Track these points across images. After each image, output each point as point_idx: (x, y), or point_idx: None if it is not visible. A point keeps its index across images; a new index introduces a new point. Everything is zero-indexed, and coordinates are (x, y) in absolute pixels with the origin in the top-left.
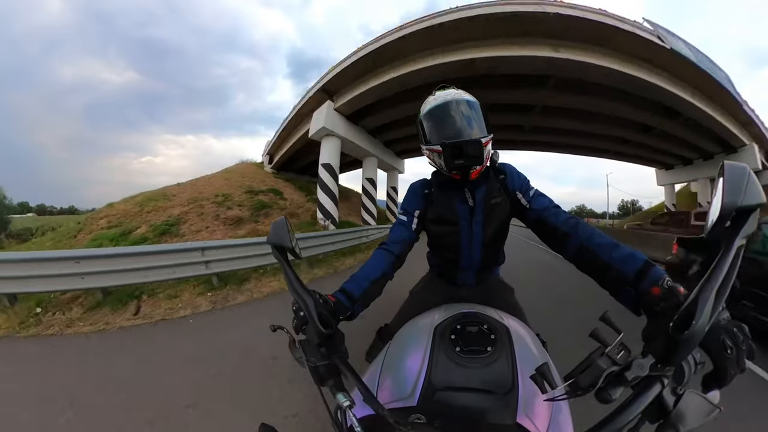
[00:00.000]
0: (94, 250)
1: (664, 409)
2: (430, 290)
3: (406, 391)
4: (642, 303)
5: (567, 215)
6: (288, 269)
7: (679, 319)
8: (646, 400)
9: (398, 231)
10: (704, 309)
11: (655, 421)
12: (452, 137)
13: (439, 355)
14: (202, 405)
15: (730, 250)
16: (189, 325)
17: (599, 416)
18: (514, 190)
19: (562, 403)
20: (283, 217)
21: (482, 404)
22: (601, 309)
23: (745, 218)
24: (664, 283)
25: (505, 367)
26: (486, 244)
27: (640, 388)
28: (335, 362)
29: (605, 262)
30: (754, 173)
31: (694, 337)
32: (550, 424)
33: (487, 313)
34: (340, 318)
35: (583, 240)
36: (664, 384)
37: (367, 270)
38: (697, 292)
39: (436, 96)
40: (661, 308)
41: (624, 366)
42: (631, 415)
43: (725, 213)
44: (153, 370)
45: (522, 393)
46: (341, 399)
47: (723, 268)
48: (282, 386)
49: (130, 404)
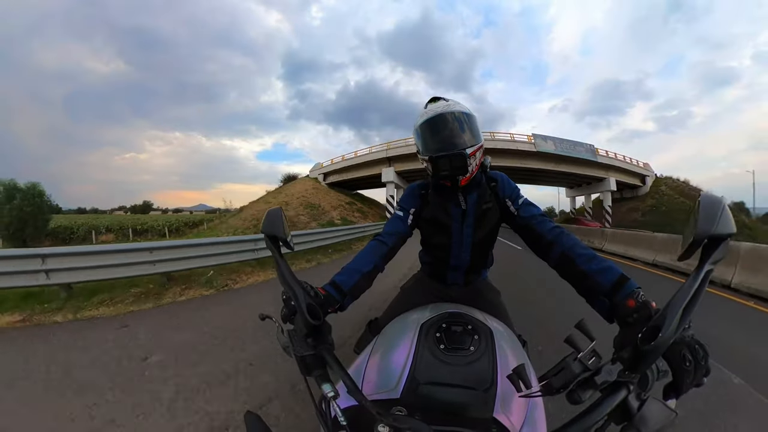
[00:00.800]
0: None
1: (629, 412)
2: (420, 288)
3: (391, 384)
4: (616, 313)
5: (552, 225)
6: (279, 259)
7: (647, 331)
8: (613, 403)
9: (393, 224)
10: (671, 324)
11: (619, 423)
12: (438, 150)
13: (423, 351)
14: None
15: (700, 273)
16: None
17: (570, 415)
18: (504, 198)
19: (538, 401)
20: (278, 207)
21: (462, 399)
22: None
23: (716, 245)
24: (638, 297)
25: (486, 365)
26: (475, 246)
27: (607, 392)
28: (322, 353)
29: (584, 271)
30: (611, 193)
31: (658, 348)
32: (525, 421)
33: (472, 314)
34: (328, 310)
35: (565, 249)
36: (630, 389)
37: (359, 262)
38: (665, 309)
39: (427, 109)
40: (633, 319)
41: (594, 371)
42: (599, 417)
43: (698, 239)
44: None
45: (500, 390)
46: (326, 389)
47: (691, 289)
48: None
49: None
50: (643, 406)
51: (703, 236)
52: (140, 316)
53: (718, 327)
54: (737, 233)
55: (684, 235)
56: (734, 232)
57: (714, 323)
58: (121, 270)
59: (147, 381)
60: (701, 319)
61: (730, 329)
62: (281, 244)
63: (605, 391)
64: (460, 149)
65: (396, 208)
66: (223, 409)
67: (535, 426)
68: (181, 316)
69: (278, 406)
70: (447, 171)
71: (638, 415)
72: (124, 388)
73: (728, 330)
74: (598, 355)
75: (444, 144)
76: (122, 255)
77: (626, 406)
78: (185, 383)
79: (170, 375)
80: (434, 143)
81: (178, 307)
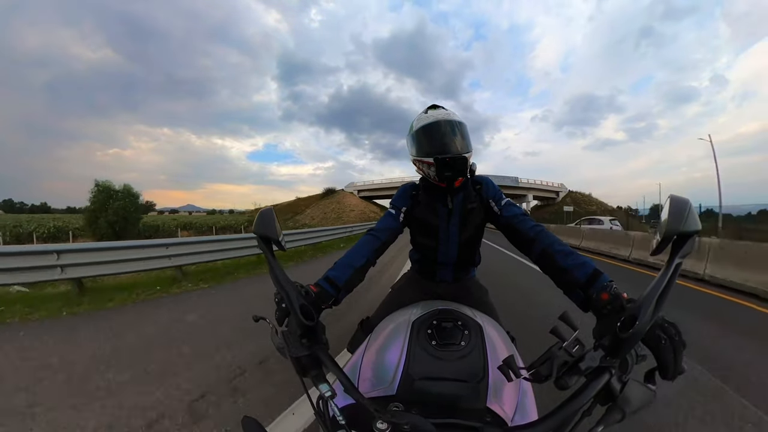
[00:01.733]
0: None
1: (612, 394)
2: (411, 286)
3: (386, 381)
4: (592, 305)
5: (533, 223)
6: (272, 260)
7: (625, 319)
8: (597, 387)
9: (386, 220)
10: (646, 312)
11: (604, 404)
12: (443, 152)
13: (416, 347)
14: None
15: (671, 266)
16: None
17: (559, 401)
18: (488, 199)
19: (527, 390)
20: (270, 207)
21: (456, 392)
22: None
23: (684, 241)
24: (611, 290)
25: (477, 358)
26: (461, 244)
27: (592, 377)
28: (317, 353)
29: (562, 266)
30: (532, 203)
31: (637, 334)
32: (516, 408)
33: (461, 310)
34: (322, 307)
35: (545, 246)
36: (612, 373)
37: (352, 257)
38: (641, 299)
39: (428, 114)
40: (607, 310)
41: (578, 358)
42: (585, 400)
43: (668, 236)
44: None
45: (492, 381)
46: (323, 389)
47: (663, 281)
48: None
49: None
50: (624, 388)
51: (672, 233)
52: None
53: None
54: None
55: (656, 234)
56: (700, 229)
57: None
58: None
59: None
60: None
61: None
62: (273, 244)
63: (589, 376)
64: (463, 153)
65: (389, 206)
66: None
67: (526, 412)
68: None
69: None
70: (450, 172)
71: (621, 396)
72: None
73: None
74: (582, 343)
75: (449, 147)
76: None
77: (609, 388)
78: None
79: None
80: (439, 146)
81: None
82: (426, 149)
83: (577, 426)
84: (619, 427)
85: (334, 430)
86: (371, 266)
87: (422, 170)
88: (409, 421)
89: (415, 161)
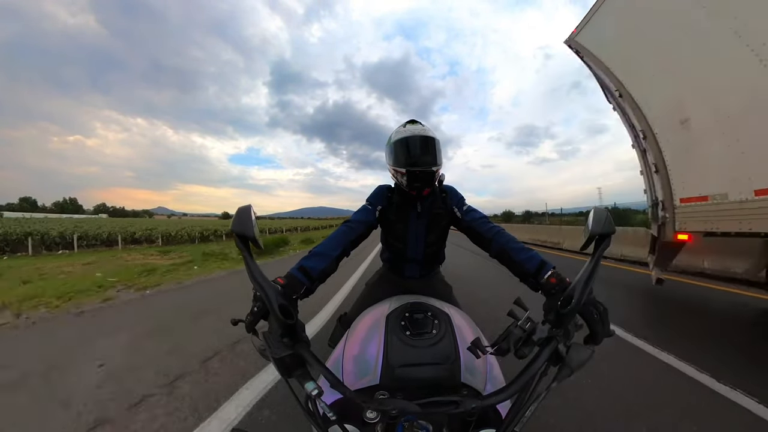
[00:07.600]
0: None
1: (560, 357)
2: (383, 283)
3: (369, 372)
4: (542, 288)
5: (491, 225)
6: (249, 259)
7: (565, 299)
8: (548, 353)
9: (363, 213)
10: (578, 292)
11: (556, 365)
12: (414, 165)
13: (393, 338)
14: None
15: (595, 257)
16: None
17: (520, 368)
18: (452, 205)
19: (494, 364)
20: (248, 205)
21: (433, 374)
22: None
23: (604, 239)
24: (556, 275)
25: (448, 343)
26: (428, 244)
27: (543, 346)
28: (299, 351)
29: (516, 260)
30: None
31: (573, 310)
32: (487, 380)
33: (430, 302)
34: (294, 297)
35: (501, 244)
36: (558, 341)
37: (328, 246)
38: (575, 283)
39: (406, 128)
40: (554, 291)
41: (530, 332)
42: (540, 364)
43: (592, 236)
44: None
45: (463, 361)
46: (309, 387)
47: (590, 268)
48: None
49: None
50: (569, 351)
51: (595, 234)
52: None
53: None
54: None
55: (584, 234)
56: (615, 231)
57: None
58: None
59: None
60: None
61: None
62: (251, 243)
63: (541, 345)
64: (432, 167)
65: (366, 202)
66: None
67: (495, 381)
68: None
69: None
70: (419, 183)
71: (567, 357)
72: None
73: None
74: (533, 320)
75: (419, 160)
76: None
77: (558, 353)
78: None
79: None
80: (411, 158)
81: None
82: (401, 161)
83: (537, 385)
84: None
85: (326, 427)
86: (345, 256)
87: (396, 178)
88: (395, 406)
89: (390, 169)
